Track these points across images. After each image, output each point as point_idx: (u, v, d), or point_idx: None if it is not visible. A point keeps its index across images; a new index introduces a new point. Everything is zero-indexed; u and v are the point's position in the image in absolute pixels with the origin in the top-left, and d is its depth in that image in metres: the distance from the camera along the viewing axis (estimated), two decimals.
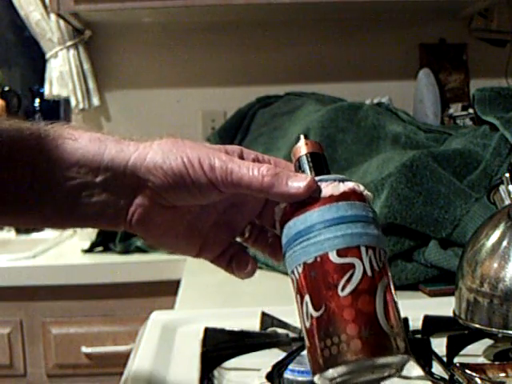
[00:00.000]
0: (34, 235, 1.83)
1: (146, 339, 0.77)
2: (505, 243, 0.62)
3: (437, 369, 0.61)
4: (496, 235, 0.63)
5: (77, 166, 0.47)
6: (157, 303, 1.20)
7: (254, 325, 0.74)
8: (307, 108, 1.46)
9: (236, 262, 0.51)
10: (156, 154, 0.47)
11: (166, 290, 1.33)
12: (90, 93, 1.94)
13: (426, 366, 0.61)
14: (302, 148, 0.48)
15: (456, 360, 0.62)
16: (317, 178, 0.46)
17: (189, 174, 0.46)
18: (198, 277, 1.17)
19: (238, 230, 0.52)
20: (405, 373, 0.63)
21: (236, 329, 0.69)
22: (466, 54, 2.00)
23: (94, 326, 1.45)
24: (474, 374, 0.54)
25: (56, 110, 2.08)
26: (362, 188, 0.46)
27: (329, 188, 0.45)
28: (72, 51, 1.90)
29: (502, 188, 0.68)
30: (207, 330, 0.70)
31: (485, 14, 1.94)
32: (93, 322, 1.45)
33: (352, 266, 0.43)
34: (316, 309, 0.43)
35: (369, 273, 0.43)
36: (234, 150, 0.50)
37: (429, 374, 0.61)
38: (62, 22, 1.86)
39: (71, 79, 1.91)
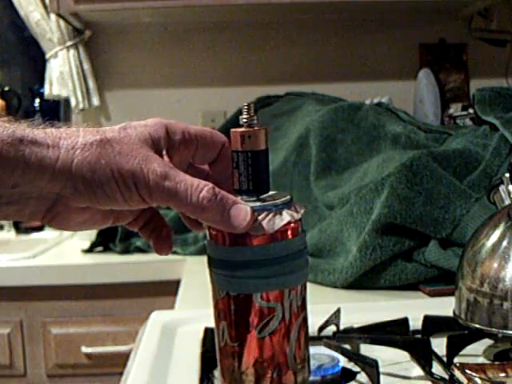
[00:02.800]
0: (34, 235, 1.83)
1: (145, 339, 0.77)
2: (505, 243, 0.62)
3: (437, 369, 0.61)
4: (496, 235, 0.63)
5: None
6: (157, 303, 1.20)
7: None
8: (307, 108, 1.46)
9: (152, 229, 0.49)
10: (81, 164, 0.40)
11: (166, 290, 1.33)
12: (89, 93, 1.94)
13: (425, 365, 0.61)
14: (244, 141, 0.44)
15: (456, 360, 0.62)
16: (255, 206, 0.42)
17: (120, 192, 0.41)
18: (198, 277, 1.17)
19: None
20: (405, 373, 0.63)
21: None
22: (466, 54, 2.00)
23: (93, 326, 1.45)
24: (474, 374, 0.54)
25: (56, 109, 2.08)
26: (297, 215, 0.43)
27: (263, 223, 0.42)
28: (72, 51, 1.90)
29: (501, 188, 0.68)
30: (207, 330, 0.70)
31: (485, 14, 1.94)
32: (93, 322, 1.45)
33: (273, 311, 0.43)
34: (231, 340, 0.44)
35: (287, 316, 0.43)
36: (160, 133, 0.44)
37: (429, 374, 0.61)
38: (62, 22, 1.86)
39: (71, 79, 1.91)
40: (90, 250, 1.52)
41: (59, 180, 0.41)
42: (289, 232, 0.43)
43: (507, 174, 0.68)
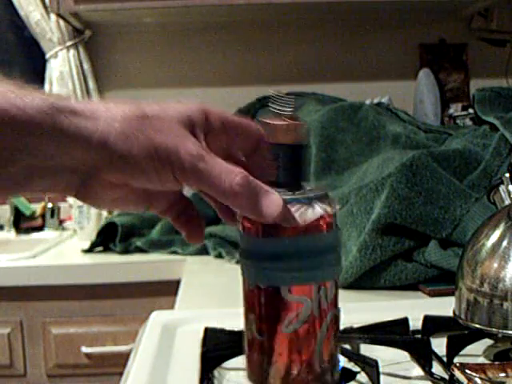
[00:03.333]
0: (34, 235, 1.83)
1: (145, 339, 0.77)
2: (505, 243, 0.62)
3: (437, 369, 0.61)
4: (496, 235, 0.63)
5: (29, 147, 0.39)
6: (157, 303, 1.21)
7: None
8: (307, 108, 1.46)
9: (185, 220, 0.48)
10: (119, 137, 0.40)
11: (166, 290, 1.33)
12: (89, 93, 1.95)
13: (425, 366, 0.61)
14: (287, 133, 0.43)
15: (456, 360, 0.62)
16: (287, 198, 0.42)
17: (154, 168, 0.41)
18: (198, 277, 1.17)
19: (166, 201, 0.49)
20: (405, 373, 0.63)
21: (236, 329, 0.69)
22: (466, 54, 2.00)
23: (93, 326, 1.45)
24: (474, 374, 0.54)
25: None
26: (331, 209, 0.43)
27: (296, 215, 0.42)
28: (72, 51, 1.90)
29: (501, 188, 0.68)
30: (207, 330, 0.70)
31: (485, 13, 1.94)
32: (93, 322, 1.45)
33: (301, 305, 0.42)
34: (259, 333, 0.43)
35: (316, 313, 0.42)
36: (198, 116, 0.43)
37: (429, 374, 0.61)
38: (62, 22, 1.86)
39: (71, 79, 1.91)
40: (90, 250, 1.52)
41: (96, 151, 0.40)
42: (321, 226, 0.43)
43: (507, 174, 0.68)
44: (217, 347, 0.68)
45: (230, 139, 0.45)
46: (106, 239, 1.52)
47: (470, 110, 1.54)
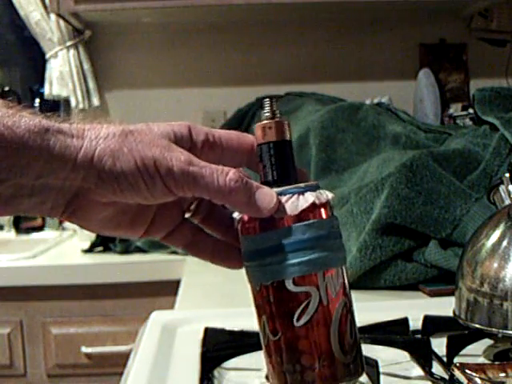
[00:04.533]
0: (34, 235, 1.83)
1: (145, 339, 0.77)
2: (505, 243, 0.62)
3: (437, 369, 0.61)
4: (496, 235, 0.63)
5: (16, 166, 0.39)
6: (157, 303, 1.20)
7: (253, 325, 0.74)
8: (307, 108, 1.46)
9: (195, 243, 0.47)
10: (104, 152, 0.40)
11: (166, 290, 1.33)
12: (90, 93, 1.94)
13: (425, 365, 0.61)
14: (265, 133, 0.43)
15: (456, 360, 0.62)
16: (278, 190, 0.42)
17: (143, 180, 0.40)
18: (198, 277, 1.17)
19: (184, 206, 0.47)
20: (405, 373, 0.63)
21: (236, 329, 0.69)
22: (466, 54, 2.00)
23: (94, 326, 1.45)
24: (474, 374, 0.54)
25: (56, 110, 2.08)
26: (323, 197, 0.43)
27: (287, 206, 0.42)
28: (72, 51, 1.90)
29: (501, 188, 0.68)
30: (207, 330, 0.70)
31: (485, 13, 1.94)
32: (93, 322, 1.45)
33: (308, 296, 0.42)
34: (273, 333, 0.43)
35: (324, 301, 0.42)
36: (183, 131, 0.44)
37: (429, 374, 0.61)
38: (62, 22, 1.86)
39: (71, 79, 1.91)
40: (90, 250, 1.52)
41: (82, 169, 0.40)
42: (315, 214, 0.43)
43: (507, 174, 0.68)
44: (217, 347, 0.68)
45: (219, 153, 0.45)
46: (106, 239, 1.52)
47: (470, 110, 1.54)
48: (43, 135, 0.39)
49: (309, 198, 0.42)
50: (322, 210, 0.43)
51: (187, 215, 0.48)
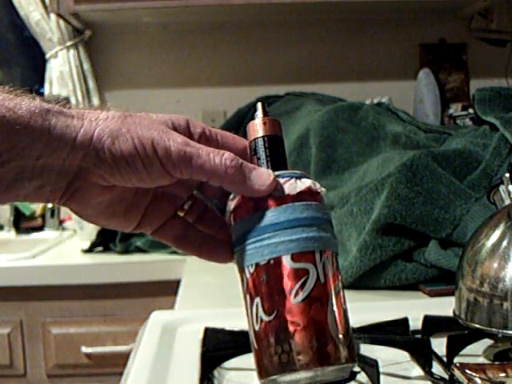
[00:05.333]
0: (34, 235, 1.84)
1: (146, 339, 0.77)
2: (505, 243, 0.62)
3: (437, 369, 0.61)
4: (496, 235, 0.63)
5: (17, 147, 0.39)
6: (157, 303, 1.21)
7: None
8: (307, 108, 1.46)
9: (184, 237, 0.48)
10: (103, 132, 0.41)
11: (166, 290, 1.33)
12: (90, 93, 1.95)
13: (425, 366, 0.61)
14: (259, 128, 0.45)
15: (456, 360, 0.62)
16: (276, 173, 0.44)
17: (140, 159, 0.41)
18: (198, 277, 1.17)
19: (178, 203, 0.48)
20: (405, 373, 0.63)
21: (236, 329, 0.69)
22: (466, 54, 2.00)
23: (94, 326, 1.45)
24: (474, 374, 0.54)
25: None
26: (318, 186, 0.44)
27: (285, 186, 0.43)
28: (72, 51, 1.90)
29: (502, 188, 0.68)
30: (207, 330, 0.70)
31: (485, 13, 1.94)
32: (93, 322, 1.45)
33: (306, 272, 0.42)
34: (267, 313, 0.42)
35: (322, 279, 0.42)
36: (180, 122, 0.45)
37: (429, 374, 0.61)
38: (62, 22, 1.86)
39: (71, 79, 1.91)
40: (90, 250, 1.52)
41: (81, 149, 0.41)
42: (312, 196, 0.44)
43: (507, 174, 0.68)
44: (217, 347, 0.68)
45: (213, 146, 0.45)
46: (106, 239, 1.52)
47: (470, 110, 1.54)
48: (44, 116, 0.40)
49: (306, 181, 0.44)
50: (316, 196, 0.44)
51: (180, 214, 0.48)
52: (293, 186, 0.43)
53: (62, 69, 1.91)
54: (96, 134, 0.41)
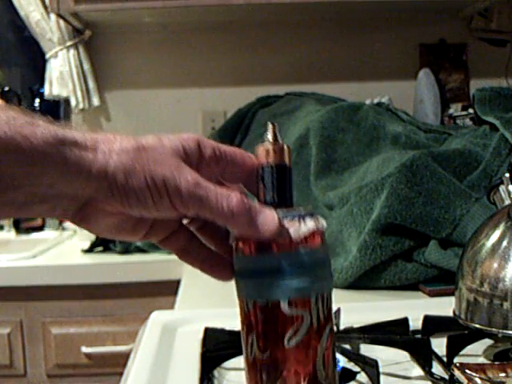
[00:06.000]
0: (34, 235, 1.83)
1: (146, 339, 0.77)
2: (505, 243, 0.62)
3: (437, 369, 0.61)
4: (496, 235, 0.63)
5: (31, 175, 0.40)
6: (157, 303, 1.20)
7: None
8: (307, 108, 1.46)
9: (188, 250, 0.49)
10: (117, 167, 0.42)
11: (166, 290, 1.33)
12: (89, 93, 1.95)
13: (425, 366, 0.61)
14: (269, 155, 0.45)
15: (456, 360, 0.62)
16: (280, 214, 0.44)
17: (151, 196, 0.42)
18: (198, 277, 1.16)
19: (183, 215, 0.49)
20: (405, 373, 0.63)
21: (236, 329, 0.69)
22: (466, 54, 2.00)
23: (94, 326, 1.45)
24: (474, 374, 0.54)
25: (56, 109, 2.08)
26: (320, 224, 0.45)
27: (290, 231, 0.43)
28: (72, 51, 1.90)
29: (502, 188, 0.68)
30: (207, 330, 0.70)
31: (485, 14, 1.94)
32: (93, 322, 1.45)
33: (301, 319, 0.43)
34: (261, 350, 0.44)
35: (315, 325, 0.43)
36: (191, 144, 0.45)
37: (429, 374, 0.61)
38: (62, 22, 1.86)
39: (71, 79, 1.91)
40: (90, 250, 1.52)
41: (95, 181, 0.42)
42: (315, 240, 0.44)
43: (507, 174, 0.68)
44: (217, 347, 0.68)
45: (222, 167, 0.47)
46: (106, 239, 1.52)
47: (470, 110, 1.54)
48: (59, 147, 0.40)
49: (310, 224, 0.44)
50: (319, 237, 0.45)
51: (185, 221, 0.49)
52: (297, 230, 0.43)
53: (62, 69, 1.91)
54: (110, 169, 0.41)
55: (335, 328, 0.70)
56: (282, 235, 0.43)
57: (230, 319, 0.75)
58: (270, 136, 0.46)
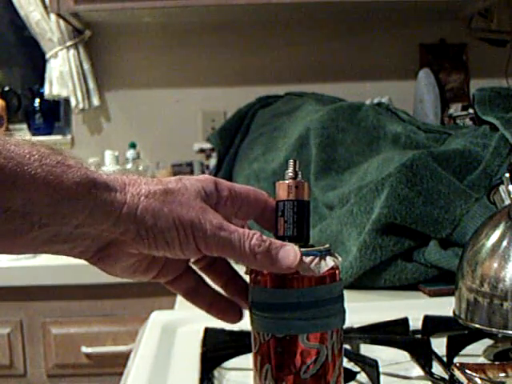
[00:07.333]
0: None
1: (146, 339, 0.77)
2: (505, 243, 0.62)
3: (437, 369, 0.61)
4: (496, 235, 0.63)
5: (59, 214, 0.40)
6: (157, 303, 1.21)
7: None
8: (307, 108, 1.46)
9: (196, 292, 0.50)
10: (146, 211, 0.42)
11: (166, 290, 1.32)
12: (89, 93, 1.95)
13: (425, 366, 0.61)
14: (291, 191, 0.47)
15: (456, 360, 0.62)
16: (302, 251, 0.45)
17: (178, 239, 0.43)
18: None
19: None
20: (405, 373, 0.63)
21: (236, 329, 0.69)
22: (466, 54, 2.00)
23: (94, 326, 1.45)
24: (474, 374, 0.54)
25: (56, 109, 2.08)
26: (338, 262, 0.46)
27: (311, 266, 0.45)
28: (72, 51, 1.90)
29: (502, 188, 0.68)
30: (207, 330, 0.70)
31: (485, 14, 1.94)
32: (93, 322, 1.45)
33: (317, 352, 0.45)
34: (276, 381, 0.45)
35: (330, 358, 0.45)
36: (210, 187, 0.47)
37: (429, 374, 0.61)
38: (62, 22, 1.86)
39: (71, 79, 1.91)
40: None
41: (123, 224, 0.42)
42: (332, 276, 0.46)
43: (507, 174, 0.68)
44: (217, 347, 0.68)
45: (237, 207, 0.48)
46: None
47: (470, 110, 1.54)
48: (90, 189, 0.41)
49: (330, 262, 0.45)
50: (337, 273, 0.46)
51: (192, 260, 0.50)
52: (317, 266, 0.45)
53: (62, 69, 1.91)
54: (139, 212, 0.42)
55: None
56: (303, 270, 0.44)
57: None
58: (290, 172, 0.47)
